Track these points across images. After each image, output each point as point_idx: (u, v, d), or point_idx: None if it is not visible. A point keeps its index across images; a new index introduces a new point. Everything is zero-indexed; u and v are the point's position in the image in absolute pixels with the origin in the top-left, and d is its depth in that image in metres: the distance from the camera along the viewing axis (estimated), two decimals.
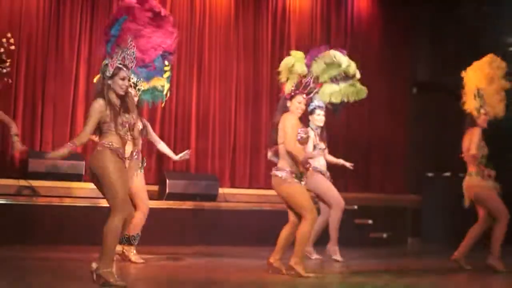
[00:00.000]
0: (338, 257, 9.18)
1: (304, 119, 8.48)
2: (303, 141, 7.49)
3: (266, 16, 13.09)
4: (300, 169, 7.41)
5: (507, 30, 13.00)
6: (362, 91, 9.18)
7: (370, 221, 12.00)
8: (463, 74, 9.10)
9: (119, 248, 7.66)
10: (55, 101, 11.17)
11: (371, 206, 12.28)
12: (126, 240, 8.16)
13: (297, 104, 7.52)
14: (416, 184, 13.56)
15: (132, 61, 6.40)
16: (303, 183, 7.48)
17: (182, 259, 8.76)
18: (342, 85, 8.89)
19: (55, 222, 9.63)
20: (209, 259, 8.95)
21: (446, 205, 12.20)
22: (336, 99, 9.00)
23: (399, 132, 14.04)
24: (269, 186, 12.51)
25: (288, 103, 7.57)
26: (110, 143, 6.14)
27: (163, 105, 9.23)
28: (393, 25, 14.08)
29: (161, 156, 11.58)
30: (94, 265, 6.11)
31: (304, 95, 7.59)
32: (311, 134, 8.87)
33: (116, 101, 6.25)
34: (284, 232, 7.63)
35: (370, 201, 12.63)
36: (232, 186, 12.38)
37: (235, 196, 11.94)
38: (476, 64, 9.13)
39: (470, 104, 8.93)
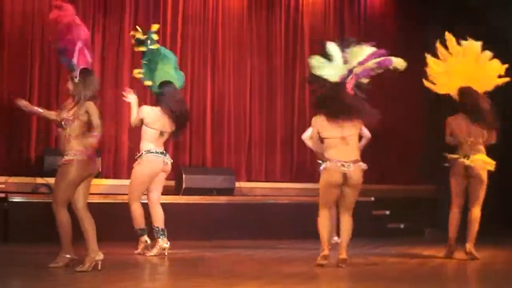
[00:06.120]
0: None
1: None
2: None
3: (279, 8, 13.08)
4: None
5: None
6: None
7: (387, 212, 11.99)
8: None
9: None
10: None
11: (388, 197, 12.26)
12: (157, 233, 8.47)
13: None
14: (431, 174, 13.50)
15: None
16: None
17: (201, 253, 8.78)
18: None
19: (72, 218, 9.62)
20: (227, 252, 8.96)
21: None
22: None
23: (414, 123, 13.99)
24: (285, 179, 12.68)
25: None
26: None
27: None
28: (407, 14, 14.02)
29: (177, 151, 11.62)
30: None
31: None
32: None
33: None
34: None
35: (387, 192, 12.61)
36: (249, 180, 12.38)
37: (252, 189, 11.96)
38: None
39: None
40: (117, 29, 11.56)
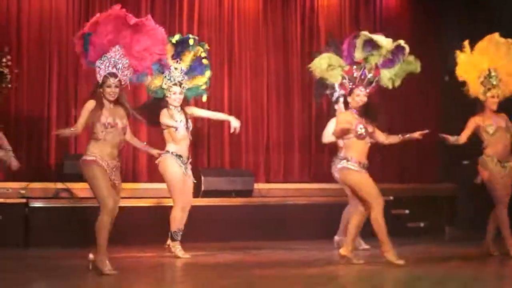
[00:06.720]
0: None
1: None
2: (361, 137, 7.69)
3: (295, 9, 13.08)
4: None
5: None
6: (414, 65, 8.58)
7: (406, 211, 11.94)
8: (458, 61, 9.07)
9: None
10: None
11: (407, 196, 12.21)
12: (170, 236, 8.46)
13: (356, 98, 7.70)
14: (451, 172, 13.44)
15: (126, 69, 7.01)
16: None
17: (220, 255, 8.79)
18: (397, 66, 8.48)
19: (93, 223, 9.65)
20: (247, 254, 8.97)
21: (482, 193, 12.09)
22: (396, 82, 8.51)
23: (432, 121, 13.93)
24: (303, 180, 12.65)
25: (349, 98, 7.76)
26: (93, 155, 6.83)
27: (204, 100, 9.28)
28: (422, 13, 13.97)
29: (195, 153, 11.62)
30: (91, 255, 6.94)
31: (362, 88, 7.74)
32: None
33: (108, 105, 6.95)
34: (354, 222, 7.76)
35: (406, 191, 12.55)
36: (267, 181, 12.38)
37: (270, 191, 11.93)
38: (477, 46, 9.04)
39: (475, 89, 8.89)
40: None
